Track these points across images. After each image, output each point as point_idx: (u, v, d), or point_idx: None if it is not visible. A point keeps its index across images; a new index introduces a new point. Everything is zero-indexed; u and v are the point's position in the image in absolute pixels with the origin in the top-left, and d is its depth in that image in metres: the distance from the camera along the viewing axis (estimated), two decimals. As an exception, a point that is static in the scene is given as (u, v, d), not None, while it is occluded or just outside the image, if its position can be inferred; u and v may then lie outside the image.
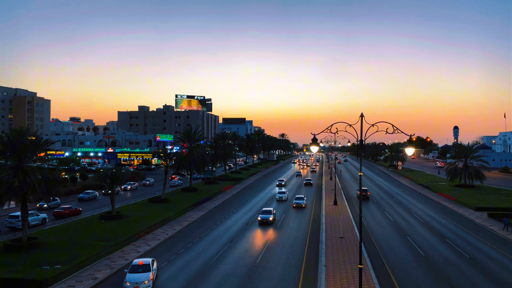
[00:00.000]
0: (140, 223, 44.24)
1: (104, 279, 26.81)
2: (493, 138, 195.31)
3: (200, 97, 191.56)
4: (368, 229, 42.99)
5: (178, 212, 51.44)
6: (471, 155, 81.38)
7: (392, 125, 16.23)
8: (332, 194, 63.19)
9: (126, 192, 76.59)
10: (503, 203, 59.31)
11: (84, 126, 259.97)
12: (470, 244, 37.18)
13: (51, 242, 35.55)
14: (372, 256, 32.48)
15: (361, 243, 19.80)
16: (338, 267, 27.66)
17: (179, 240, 37.95)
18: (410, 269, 29.16)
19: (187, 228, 43.52)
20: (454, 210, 55.58)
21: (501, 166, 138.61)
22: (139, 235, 38.97)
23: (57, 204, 55.00)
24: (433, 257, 32.56)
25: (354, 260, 29.36)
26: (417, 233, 41.43)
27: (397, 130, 16.24)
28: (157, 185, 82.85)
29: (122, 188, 76.38)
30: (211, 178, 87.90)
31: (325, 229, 40.03)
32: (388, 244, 36.77)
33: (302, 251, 34.04)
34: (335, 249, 32.36)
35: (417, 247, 35.69)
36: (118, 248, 34.37)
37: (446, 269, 29.43)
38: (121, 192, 74.84)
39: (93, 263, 29.88)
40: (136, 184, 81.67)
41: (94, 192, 67.05)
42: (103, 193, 69.14)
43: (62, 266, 28.75)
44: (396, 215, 51.73)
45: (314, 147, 17.12)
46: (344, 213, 50.11)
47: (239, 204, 60.15)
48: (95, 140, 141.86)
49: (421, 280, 26.79)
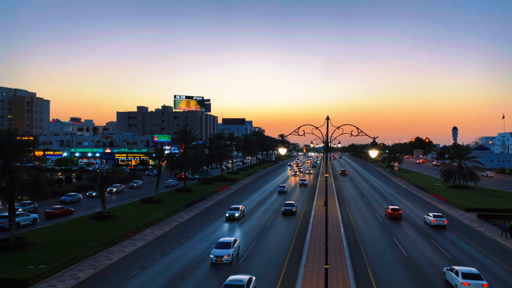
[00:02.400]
0: (130, 223, 44.57)
1: (86, 278, 27.13)
2: (492, 139, 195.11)
3: (198, 97, 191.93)
4: (355, 230, 43.23)
5: (169, 212, 51.77)
6: (465, 156, 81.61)
7: (356, 127, 16.54)
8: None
9: (111, 195, 71.52)
10: (495, 205, 59.46)
11: (84, 127, 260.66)
12: (454, 245, 37.41)
13: (39, 242, 35.88)
14: (355, 256, 32.75)
15: (326, 244, 20.07)
16: (317, 267, 27.95)
17: (166, 241, 38.26)
18: (391, 270, 29.40)
19: (176, 229, 43.84)
20: (445, 211, 55.76)
21: (499, 167, 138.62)
22: (127, 236, 39.31)
23: (33, 208, 52.83)
24: (416, 258, 32.80)
25: (334, 260, 29.64)
26: (404, 234, 41.66)
27: (361, 132, 16.56)
28: (145, 188, 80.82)
29: (107, 191, 70.14)
30: (206, 179, 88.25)
31: (311, 229, 40.30)
32: (373, 244, 37.00)
33: (286, 251, 34.31)
34: (318, 250, 32.64)
35: (401, 247, 35.92)
36: (105, 248, 34.70)
37: (426, 269, 29.68)
38: (106, 195, 70.83)
39: (77, 263, 30.20)
40: (123, 187, 78.17)
41: (77, 195, 63.88)
42: (87, 195, 67.57)
43: (46, 266, 29.11)
44: (385, 216, 51.91)
45: (282, 149, 17.42)
46: (332, 214, 50.36)
47: (230, 205, 60.35)
48: (93, 140, 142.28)
49: (400, 281, 27.04)
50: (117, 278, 27.50)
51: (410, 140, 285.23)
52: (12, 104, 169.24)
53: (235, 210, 49.46)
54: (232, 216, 48.41)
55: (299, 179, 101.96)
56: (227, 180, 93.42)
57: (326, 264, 19.28)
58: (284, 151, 18.37)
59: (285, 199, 66.07)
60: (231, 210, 49.82)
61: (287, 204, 53.78)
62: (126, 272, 28.90)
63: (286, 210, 51.87)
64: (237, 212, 49.10)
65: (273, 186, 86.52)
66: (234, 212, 48.95)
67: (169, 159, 69.05)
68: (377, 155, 17.37)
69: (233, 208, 50.38)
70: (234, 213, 48.67)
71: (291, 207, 52.23)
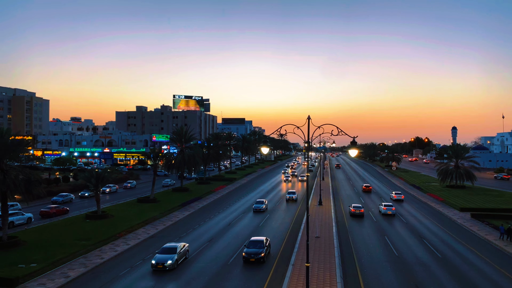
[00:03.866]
0: (124, 222, 44.76)
1: (76, 277, 27.34)
2: (492, 139, 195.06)
3: (197, 97, 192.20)
4: (348, 229, 43.40)
5: (163, 212, 51.94)
6: (462, 156, 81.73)
7: (336, 127, 16.73)
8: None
9: (104, 195, 69.90)
10: (490, 204, 59.57)
11: (84, 126, 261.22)
12: (446, 244, 37.55)
13: (31, 241, 36.09)
14: (345, 255, 32.93)
15: (307, 242, 20.25)
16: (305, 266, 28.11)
17: (159, 240, 38.44)
18: (380, 269, 29.55)
19: (170, 228, 44.02)
20: (439, 211, 55.91)
21: (497, 167, 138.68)
22: (120, 235, 39.50)
23: (17, 209, 49.93)
24: (406, 257, 32.95)
25: (323, 259, 29.82)
26: (396, 233, 41.81)
27: (341, 132, 16.75)
28: (141, 188, 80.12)
29: (100, 191, 68.33)
30: (203, 178, 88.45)
31: (303, 229, 40.46)
32: (365, 244, 37.16)
33: (277, 250, 34.49)
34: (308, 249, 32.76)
35: (392, 247, 36.08)
36: (97, 247, 34.91)
37: (415, 268, 29.84)
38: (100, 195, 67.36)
39: (68, 262, 30.42)
40: (116, 187, 76.82)
41: (69, 195, 62.60)
42: (79, 195, 66.87)
43: (37, 264, 29.33)
44: (380, 216, 52.07)
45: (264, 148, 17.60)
46: (326, 213, 50.53)
47: (226, 205, 60.61)
48: (92, 140, 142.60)
49: (388, 280, 27.19)
50: (107, 277, 27.69)
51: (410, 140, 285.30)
52: (12, 104, 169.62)
53: None
54: None
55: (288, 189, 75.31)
56: (224, 180, 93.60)
57: (307, 263, 19.42)
58: (266, 150, 18.57)
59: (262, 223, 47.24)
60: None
61: (252, 245, 31.67)
62: (117, 270, 29.10)
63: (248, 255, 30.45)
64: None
65: (270, 186, 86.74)
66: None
67: (165, 158, 69.22)
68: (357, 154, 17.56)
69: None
70: None
71: (258, 251, 30.64)
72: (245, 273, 28.38)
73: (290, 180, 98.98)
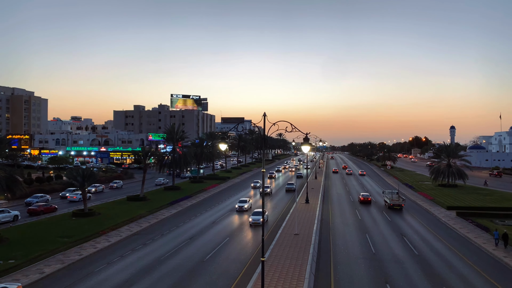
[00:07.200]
0: (110, 220, 45.09)
1: (51, 273, 27.68)
2: (489, 138, 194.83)
3: (195, 96, 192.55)
4: (331, 226, 43.67)
5: (151, 210, 52.26)
6: (454, 155, 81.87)
7: (290, 123, 17.00)
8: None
9: (90, 195, 64.11)
10: (478, 203, 59.69)
11: (83, 125, 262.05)
12: (425, 242, 37.77)
13: (14, 238, 36.47)
14: (322, 252, 33.21)
15: (263, 237, 20.57)
16: (277, 262, 28.41)
17: (141, 237, 38.79)
18: (354, 266, 29.81)
19: (154, 226, 44.35)
20: (427, 209, 56.10)
21: (493, 166, 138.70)
22: (103, 232, 39.84)
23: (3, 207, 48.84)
24: (382, 254, 33.19)
25: (296, 255, 30.09)
26: (378, 231, 42.02)
27: (295, 128, 17.05)
28: (130, 187, 78.56)
29: (86, 191, 55.79)
30: (197, 177, 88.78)
31: (284, 226, 40.75)
32: (344, 241, 37.42)
33: (255, 247, 34.78)
34: (285, 245, 33.08)
35: (371, 244, 36.32)
36: (78, 244, 35.24)
37: (389, 265, 30.08)
38: None
39: (46, 258, 30.77)
40: (102, 187, 74.63)
41: (45, 196, 59.81)
42: (60, 195, 64.86)
43: (16, 261, 29.69)
44: (366, 213, 52.31)
45: (222, 145, 17.89)
46: (311, 211, 50.76)
47: (214, 203, 60.91)
48: (89, 139, 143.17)
49: (359, 276, 27.45)
50: (81, 273, 28.02)
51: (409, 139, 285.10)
52: (10, 103, 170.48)
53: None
54: None
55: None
56: (218, 179, 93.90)
57: (262, 257, 19.72)
58: (224, 147, 18.89)
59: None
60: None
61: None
62: (93, 267, 29.44)
63: None
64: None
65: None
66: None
67: (157, 157, 69.55)
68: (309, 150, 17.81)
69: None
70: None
71: None
72: (219, 270, 28.65)
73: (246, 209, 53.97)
